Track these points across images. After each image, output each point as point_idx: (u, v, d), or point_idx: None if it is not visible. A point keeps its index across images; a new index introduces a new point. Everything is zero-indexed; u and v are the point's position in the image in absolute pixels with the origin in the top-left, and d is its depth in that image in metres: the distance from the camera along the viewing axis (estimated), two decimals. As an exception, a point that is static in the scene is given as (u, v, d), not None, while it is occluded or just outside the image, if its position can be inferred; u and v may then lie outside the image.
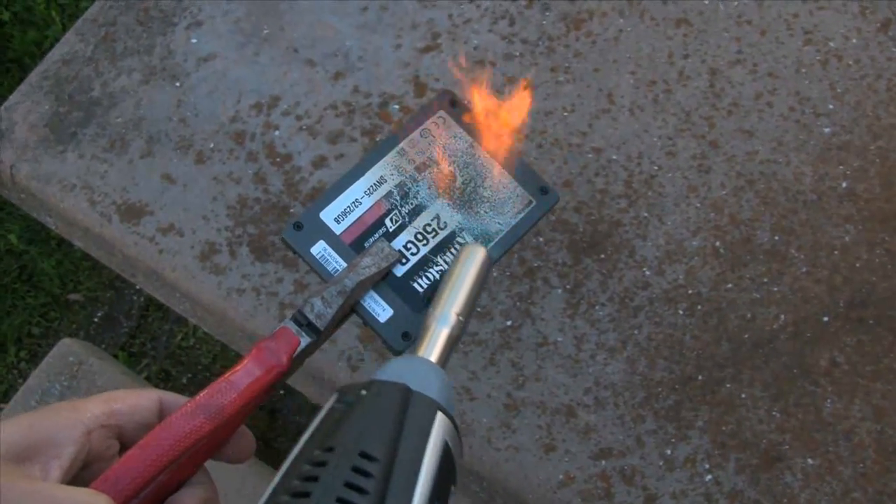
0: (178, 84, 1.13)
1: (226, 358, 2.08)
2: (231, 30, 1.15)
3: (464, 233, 0.78)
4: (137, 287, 1.97)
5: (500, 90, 1.09)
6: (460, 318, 0.61)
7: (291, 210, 1.04)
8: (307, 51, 1.13)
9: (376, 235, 0.78)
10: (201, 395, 0.59)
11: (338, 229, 0.78)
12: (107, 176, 1.08)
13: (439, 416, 0.52)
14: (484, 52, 1.12)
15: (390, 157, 0.81)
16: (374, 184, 0.80)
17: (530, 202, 0.81)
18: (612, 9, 1.14)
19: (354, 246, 0.77)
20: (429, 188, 0.79)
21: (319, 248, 0.77)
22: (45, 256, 2.20)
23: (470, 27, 1.13)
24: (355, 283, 0.68)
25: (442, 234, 0.78)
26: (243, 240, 1.03)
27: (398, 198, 0.79)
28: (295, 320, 0.65)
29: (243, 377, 0.61)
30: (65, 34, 1.18)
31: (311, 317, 0.66)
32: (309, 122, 1.09)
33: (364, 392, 0.53)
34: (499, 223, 0.79)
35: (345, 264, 0.75)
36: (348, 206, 0.79)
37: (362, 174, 0.80)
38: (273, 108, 1.10)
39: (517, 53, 1.12)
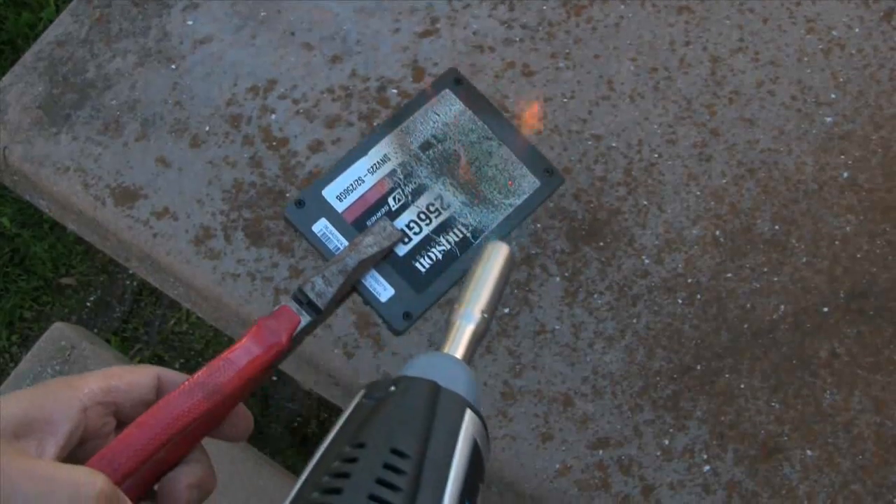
0: (173, 67, 1.12)
1: (219, 343, 2.07)
2: (227, 12, 1.14)
3: (466, 212, 0.77)
4: (130, 271, 1.96)
5: (500, 75, 1.08)
6: (485, 315, 0.61)
7: (287, 195, 1.03)
8: (304, 34, 1.12)
9: (379, 214, 0.77)
10: (200, 373, 0.59)
11: (340, 207, 0.77)
12: (101, 159, 1.07)
13: (468, 413, 0.52)
14: (483, 37, 1.11)
15: (394, 135, 0.80)
16: (378, 162, 0.79)
17: (535, 183, 0.80)
18: (613, -5, 1.13)
19: (356, 224, 0.76)
20: (432, 167, 0.78)
21: (321, 226, 0.76)
22: (37, 240, 2.19)
23: (469, 12, 1.12)
24: (357, 262, 0.68)
25: (445, 214, 0.77)
26: (238, 224, 1.02)
27: (401, 176, 0.78)
28: (295, 299, 0.65)
29: (242, 355, 0.60)
30: (59, 15, 1.17)
31: (311, 295, 0.65)
32: (306, 106, 1.08)
33: (393, 388, 0.52)
34: (503, 203, 0.79)
35: (346, 243, 0.74)
36: (351, 184, 0.78)
37: (365, 152, 0.78)
38: (269, 92, 1.09)
39: (517, 39, 1.11)
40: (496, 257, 0.65)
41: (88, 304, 2.18)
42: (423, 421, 0.49)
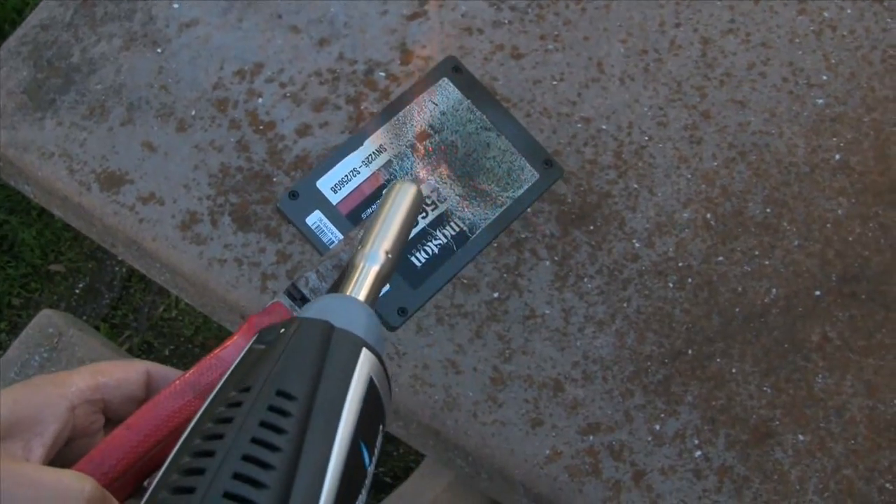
0: (159, 50, 1.10)
1: (208, 330, 2.06)
2: (214, -5, 1.13)
3: (462, 205, 0.76)
4: (119, 258, 1.94)
5: (489, 58, 1.07)
6: (389, 255, 0.59)
7: (274, 179, 1.02)
8: (291, 17, 1.11)
9: (374, 206, 0.75)
10: (190, 372, 0.57)
11: (334, 199, 0.76)
12: (86, 144, 1.06)
13: (364, 352, 0.50)
14: (472, 19, 1.10)
15: (390, 126, 0.78)
16: (373, 153, 0.78)
17: (534, 175, 0.79)
18: (603, -24, 1.12)
19: (351, 217, 0.75)
20: (429, 158, 0.77)
21: (315, 219, 0.75)
22: (25, 227, 2.18)
23: (458, -6, 1.11)
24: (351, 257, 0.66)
25: (441, 208, 0.76)
26: (225, 209, 1.01)
27: (397, 168, 0.77)
28: (289, 294, 0.63)
29: (233, 353, 0.59)
30: (43, -1, 1.15)
31: (305, 291, 0.63)
32: (293, 90, 1.06)
33: (283, 330, 0.50)
34: (501, 196, 0.78)
35: (341, 236, 0.73)
36: (346, 176, 0.77)
37: (361, 143, 0.77)
38: (256, 76, 1.08)
39: (506, 21, 1.09)
40: (403, 197, 0.62)
41: (77, 290, 2.17)
42: (313, 361, 0.48)
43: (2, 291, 2.15)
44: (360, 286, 0.57)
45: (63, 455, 0.55)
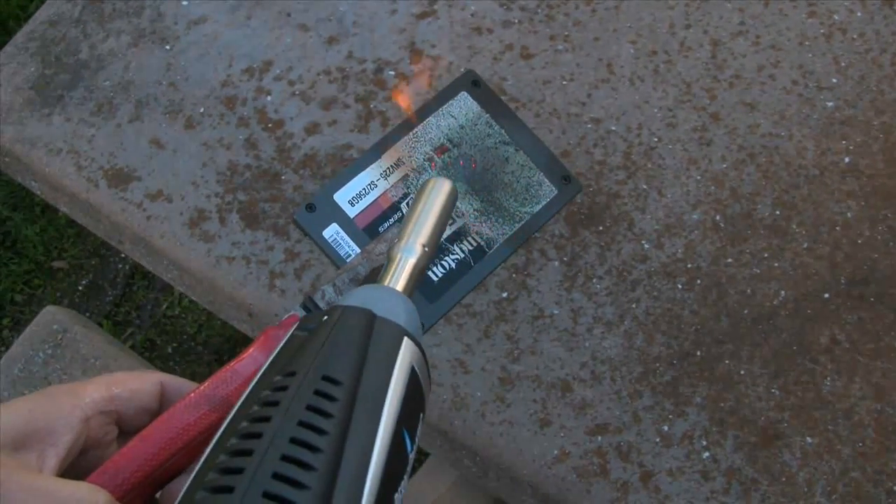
0: (168, 47, 1.10)
1: (211, 327, 2.06)
2: (223, -8, 1.13)
3: (480, 220, 0.76)
4: (123, 255, 1.94)
5: (499, 57, 1.07)
6: (426, 248, 0.60)
7: (283, 177, 1.01)
8: (300, 15, 1.11)
9: (392, 220, 0.76)
10: (205, 384, 0.57)
11: (352, 212, 0.76)
12: (94, 140, 1.06)
13: (406, 341, 0.50)
14: (481, 18, 1.09)
15: (408, 139, 0.78)
16: (392, 166, 0.77)
17: (552, 191, 0.79)
18: (613, -23, 1.12)
19: (368, 230, 0.75)
20: (447, 172, 0.77)
21: (332, 232, 0.75)
22: (29, 223, 2.18)
23: (467, -7, 1.11)
24: (368, 271, 0.66)
25: (459, 222, 0.76)
26: (233, 207, 1.01)
27: (415, 181, 0.76)
28: (305, 308, 0.63)
29: (249, 366, 0.59)
30: (51, -6, 1.15)
31: (321, 304, 0.63)
32: (302, 88, 1.06)
33: (326, 318, 0.51)
34: (519, 211, 0.78)
35: (358, 249, 0.73)
36: (363, 189, 0.77)
37: (379, 156, 0.77)
38: (265, 73, 1.08)
39: (515, 21, 1.09)
40: (437, 192, 0.63)
41: (80, 287, 2.17)
42: (356, 348, 0.48)
43: (5, 288, 2.15)
44: (398, 277, 0.58)
45: (76, 466, 0.55)
